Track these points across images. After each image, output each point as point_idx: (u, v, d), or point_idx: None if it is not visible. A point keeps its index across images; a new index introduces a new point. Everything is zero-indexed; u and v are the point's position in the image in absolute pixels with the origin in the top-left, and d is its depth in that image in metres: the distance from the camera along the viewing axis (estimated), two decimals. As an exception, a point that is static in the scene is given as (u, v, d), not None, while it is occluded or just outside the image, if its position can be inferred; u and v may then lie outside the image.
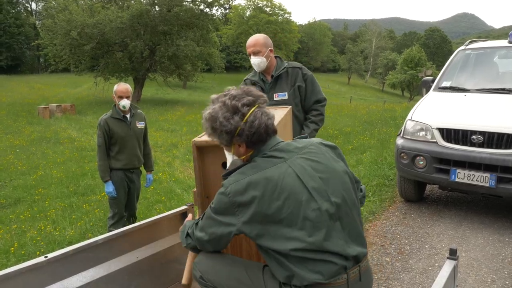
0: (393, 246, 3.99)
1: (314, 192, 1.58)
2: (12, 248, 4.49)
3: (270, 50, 3.12)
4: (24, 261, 4.13)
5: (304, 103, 3.21)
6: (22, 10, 54.23)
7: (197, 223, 1.79)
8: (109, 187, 3.96)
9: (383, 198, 5.31)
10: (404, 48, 63.55)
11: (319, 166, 1.64)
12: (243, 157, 1.73)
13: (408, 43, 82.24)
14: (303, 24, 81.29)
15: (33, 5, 57.63)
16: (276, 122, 1.78)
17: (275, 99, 3.14)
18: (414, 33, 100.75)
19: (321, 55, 79.35)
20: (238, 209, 1.58)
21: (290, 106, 2.67)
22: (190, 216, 2.28)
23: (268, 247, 1.58)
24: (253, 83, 3.21)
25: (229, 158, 1.84)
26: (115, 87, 3.95)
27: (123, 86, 3.94)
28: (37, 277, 1.84)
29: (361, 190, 1.92)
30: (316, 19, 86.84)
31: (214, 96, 1.72)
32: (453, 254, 1.88)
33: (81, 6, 21.86)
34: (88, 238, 4.47)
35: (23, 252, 4.38)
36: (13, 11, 51.10)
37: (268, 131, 1.66)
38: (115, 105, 3.97)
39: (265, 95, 1.72)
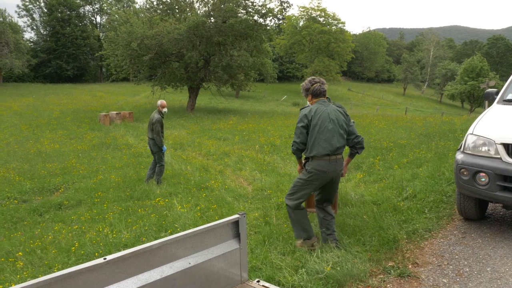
0: (451, 267, 3.78)
1: (332, 120, 3.89)
2: (73, 248, 4.75)
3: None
4: (83, 260, 4.36)
5: None
6: (88, 24, 57.75)
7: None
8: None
9: (440, 215, 5.06)
10: (464, 58, 60.68)
11: (337, 113, 3.97)
12: (311, 102, 4.10)
13: (469, 53, 78.49)
14: (357, 33, 79.92)
15: (98, 19, 61.24)
16: None
17: None
18: (476, 41, 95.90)
19: (376, 65, 77.52)
20: (306, 117, 3.88)
21: None
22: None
23: (311, 136, 3.87)
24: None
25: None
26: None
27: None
28: (96, 277, 1.92)
29: (357, 137, 4.10)
30: (371, 29, 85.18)
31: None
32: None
33: (141, 19, 22.92)
34: (143, 242, 4.64)
35: (82, 252, 4.61)
36: (80, 24, 54.61)
37: (320, 93, 4.04)
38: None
39: (324, 81, 4.15)
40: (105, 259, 1.94)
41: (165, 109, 7.88)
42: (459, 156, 4.55)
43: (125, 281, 2.03)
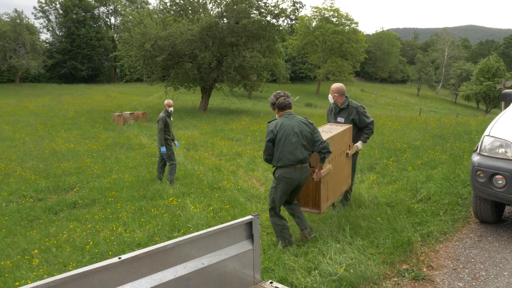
0: (467, 270, 3.72)
1: (296, 133, 4.24)
2: (88, 246, 4.80)
3: (336, 95, 5.32)
4: (97, 259, 4.41)
5: (359, 125, 5.38)
6: (102, 25, 58.37)
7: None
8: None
9: (455, 218, 4.99)
10: (480, 58, 59.71)
11: (301, 125, 4.32)
12: (278, 115, 4.46)
13: (484, 52, 77.35)
14: (371, 33, 79.28)
15: (112, 20, 61.88)
16: (337, 132, 4.81)
17: (337, 120, 5.37)
18: (492, 41, 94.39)
19: (389, 66, 76.84)
20: (272, 132, 4.28)
21: (351, 125, 5.22)
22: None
23: (277, 148, 4.26)
24: (332, 108, 5.51)
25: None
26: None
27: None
28: (111, 276, 1.93)
29: (322, 143, 4.31)
30: (384, 29, 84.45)
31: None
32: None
33: (154, 20, 23.10)
34: (156, 241, 4.67)
35: (96, 250, 4.66)
36: (95, 25, 55.25)
37: (285, 106, 4.41)
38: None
39: (288, 94, 4.51)
40: (120, 258, 1.95)
41: (171, 108, 8.27)
42: (475, 158, 4.48)
43: (139, 280, 2.04)
